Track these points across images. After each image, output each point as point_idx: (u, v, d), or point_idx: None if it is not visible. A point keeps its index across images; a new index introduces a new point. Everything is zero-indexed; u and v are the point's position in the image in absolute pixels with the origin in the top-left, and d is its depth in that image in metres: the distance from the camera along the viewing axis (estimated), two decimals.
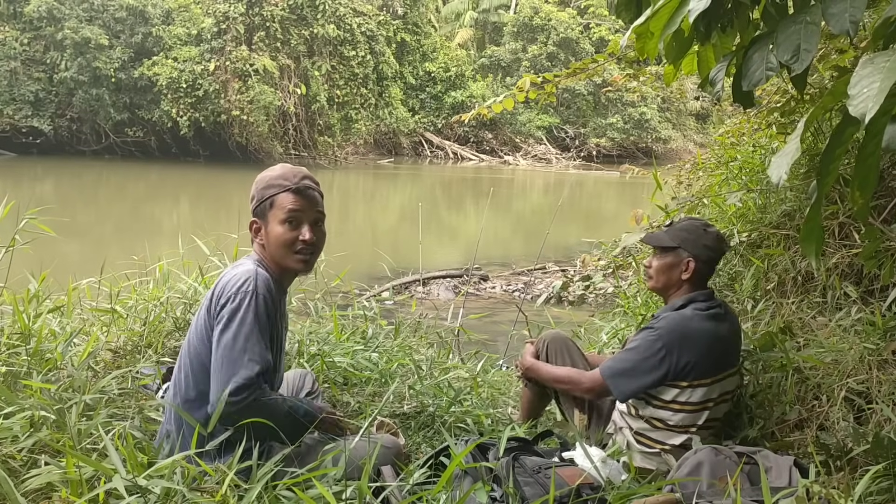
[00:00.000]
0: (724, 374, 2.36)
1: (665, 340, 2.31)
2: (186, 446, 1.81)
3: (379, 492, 1.84)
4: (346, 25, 23.58)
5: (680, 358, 2.30)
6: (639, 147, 29.14)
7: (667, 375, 2.31)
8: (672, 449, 2.34)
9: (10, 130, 20.56)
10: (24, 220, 2.80)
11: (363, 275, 7.08)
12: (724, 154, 5.13)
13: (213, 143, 22.45)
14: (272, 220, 1.98)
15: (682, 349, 2.30)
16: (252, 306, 1.82)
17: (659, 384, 2.33)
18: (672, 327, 2.33)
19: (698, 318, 2.34)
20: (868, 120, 1.07)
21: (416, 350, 3.49)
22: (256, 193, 2.01)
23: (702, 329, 2.32)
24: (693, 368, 2.30)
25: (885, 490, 1.83)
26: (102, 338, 2.79)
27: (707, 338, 2.32)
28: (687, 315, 2.35)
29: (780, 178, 1.27)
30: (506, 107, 3.99)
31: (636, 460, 2.37)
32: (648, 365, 2.32)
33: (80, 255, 8.18)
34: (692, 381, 2.32)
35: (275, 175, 2.00)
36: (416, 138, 28.53)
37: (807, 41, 1.45)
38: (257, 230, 2.01)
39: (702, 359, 2.30)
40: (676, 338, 2.31)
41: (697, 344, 2.30)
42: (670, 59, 2.02)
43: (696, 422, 2.34)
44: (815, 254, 1.41)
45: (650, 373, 2.32)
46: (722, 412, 2.41)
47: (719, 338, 2.35)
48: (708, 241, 2.38)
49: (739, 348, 2.49)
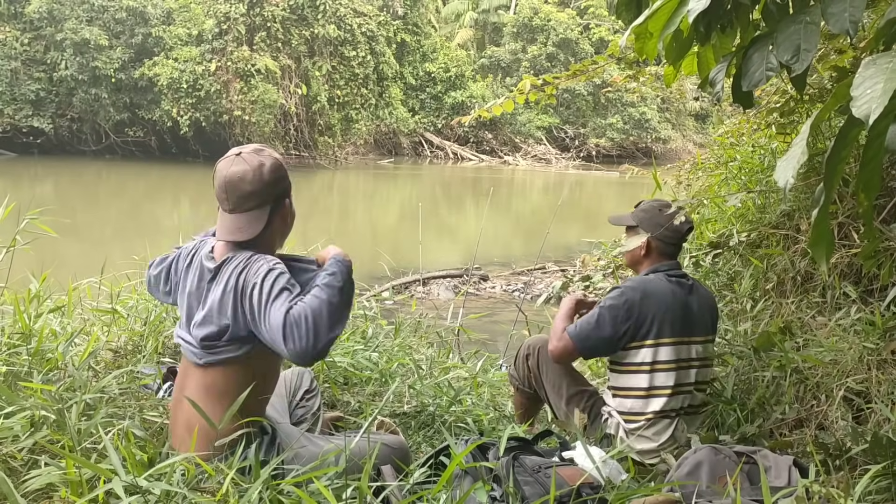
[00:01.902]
0: (690, 337, 2.47)
1: (628, 296, 2.45)
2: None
3: (379, 491, 1.84)
4: (347, 26, 23.59)
5: (642, 312, 2.43)
6: (638, 147, 29.15)
7: (629, 332, 2.43)
8: (654, 418, 2.43)
9: (11, 130, 20.56)
10: (25, 220, 2.80)
11: (363, 274, 7.07)
12: (723, 154, 5.13)
13: (213, 143, 22.43)
14: (288, 208, 1.97)
15: (644, 304, 2.43)
16: (280, 271, 1.80)
17: (622, 340, 2.44)
18: (635, 286, 2.48)
19: (661, 281, 2.50)
20: (872, 122, 1.07)
21: (416, 350, 3.49)
22: (282, 170, 1.93)
23: (664, 288, 2.47)
24: (655, 324, 2.42)
25: (884, 489, 1.83)
26: (103, 338, 2.79)
27: (669, 296, 2.45)
28: (650, 278, 2.52)
29: (788, 181, 1.26)
30: (506, 109, 4.00)
31: (629, 443, 2.44)
32: (612, 318, 2.43)
33: (81, 255, 8.18)
34: (656, 338, 2.42)
35: (278, 157, 1.98)
36: (416, 138, 28.54)
37: (807, 41, 1.45)
38: (287, 210, 1.95)
39: (665, 315, 2.43)
40: (639, 295, 2.45)
41: (659, 302, 2.44)
42: (670, 59, 2.02)
43: (668, 382, 2.43)
44: (825, 258, 1.40)
45: (613, 325, 2.43)
46: (693, 377, 2.48)
47: (681, 299, 2.47)
48: (662, 221, 2.54)
49: (711, 320, 2.57)
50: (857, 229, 2.99)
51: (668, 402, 2.43)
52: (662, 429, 2.45)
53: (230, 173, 1.87)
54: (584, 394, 2.64)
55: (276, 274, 1.79)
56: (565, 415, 2.65)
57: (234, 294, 1.81)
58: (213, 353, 1.86)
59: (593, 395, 2.65)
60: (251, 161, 1.88)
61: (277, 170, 1.91)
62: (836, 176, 1.33)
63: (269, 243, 1.95)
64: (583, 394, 2.63)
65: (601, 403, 2.61)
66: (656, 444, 2.44)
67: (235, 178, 1.86)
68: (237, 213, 1.88)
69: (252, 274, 1.80)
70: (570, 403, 2.63)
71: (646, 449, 2.45)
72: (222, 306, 1.83)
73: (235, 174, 1.87)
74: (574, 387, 2.65)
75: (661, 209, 2.58)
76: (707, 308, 2.55)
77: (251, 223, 1.87)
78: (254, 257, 1.85)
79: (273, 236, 1.97)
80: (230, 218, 1.88)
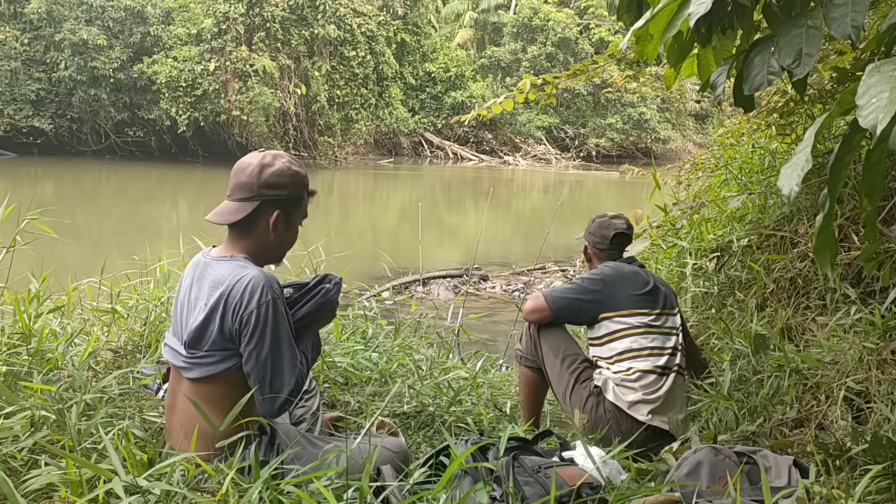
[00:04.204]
0: (662, 309, 2.75)
1: (605, 275, 2.80)
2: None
3: (379, 492, 1.85)
4: (347, 26, 23.58)
5: (614, 289, 2.74)
6: (638, 147, 29.15)
7: (603, 302, 2.73)
8: (642, 374, 2.63)
9: (11, 130, 20.55)
10: (25, 220, 2.80)
11: (363, 275, 7.08)
12: (723, 154, 5.14)
13: (212, 143, 22.44)
14: (294, 218, 1.97)
15: (618, 284, 2.75)
16: (276, 314, 1.83)
17: (594, 306, 2.74)
18: (612, 266, 2.83)
19: (628, 266, 2.86)
20: (880, 132, 1.07)
21: (416, 350, 3.49)
22: (287, 182, 1.92)
23: (633, 269, 2.83)
24: (629, 299, 2.72)
25: (884, 489, 1.84)
26: (103, 338, 2.79)
27: (637, 275, 2.79)
28: (619, 264, 2.86)
29: (792, 190, 1.26)
30: (505, 108, 4.00)
31: (625, 398, 2.62)
32: (586, 288, 2.78)
33: (81, 255, 8.18)
34: (631, 309, 2.71)
35: (303, 174, 1.97)
36: (416, 138, 28.54)
37: (809, 45, 1.45)
38: (275, 222, 1.92)
39: (638, 290, 2.74)
40: (617, 275, 2.79)
41: (630, 280, 2.77)
42: (671, 62, 2.02)
43: (650, 344, 2.68)
44: (830, 265, 1.39)
45: (586, 293, 2.76)
46: (673, 342, 2.73)
47: (646, 280, 2.79)
48: (592, 229, 2.99)
49: (672, 298, 2.84)
50: (857, 231, 2.99)
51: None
52: (651, 383, 2.63)
53: (241, 162, 1.96)
54: (579, 356, 2.81)
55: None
56: (559, 376, 2.79)
57: (224, 302, 1.82)
58: (199, 366, 1.86)
59: (586, 360, 2.82)
60: (263, 158, 1.93)
61: (280, 176, 1.91)
62: (841, 182, 1.32)
63: (259, 249, 1.94)
64: (577, 355, 2.81)
65: (592, 369, 2.78)
66: (644, 395, 2.62)
67: (241, 166, 1.94)
68: (229, 200, 1.94)
69: (244, 303, 1.82)
70: (564, 362, 2.78)
71: (634, 400, 2.61)
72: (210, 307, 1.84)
73: (243, 163, 1.95)
74: (571, 349, 2.83)
75: (595, 218, 3.03)
76: (663, 286, 2.83)
77: (232, 212, 1.91)
78: (242, 268, 1.86)
79: (259, 240, 1.93)
80: (224, 203, 1.95)
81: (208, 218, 1.92)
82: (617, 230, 2.92)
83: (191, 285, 1.94)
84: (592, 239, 2.99)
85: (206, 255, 1.96)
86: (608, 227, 2.95)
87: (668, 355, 2.69)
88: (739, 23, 1.83)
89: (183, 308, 1.94)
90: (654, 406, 2.59)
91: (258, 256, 1.93)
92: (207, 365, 1.86)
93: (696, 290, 3.65)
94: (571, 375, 2.74)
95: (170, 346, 1.96)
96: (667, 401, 2.61)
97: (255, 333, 1.81)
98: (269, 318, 1.82)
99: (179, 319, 1.94)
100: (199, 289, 1.90)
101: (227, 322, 1.82)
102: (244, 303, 1.81)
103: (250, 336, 1.82)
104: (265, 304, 1.81)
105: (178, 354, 1.91)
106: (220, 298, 1.83)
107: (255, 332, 1.81)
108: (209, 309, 1.83)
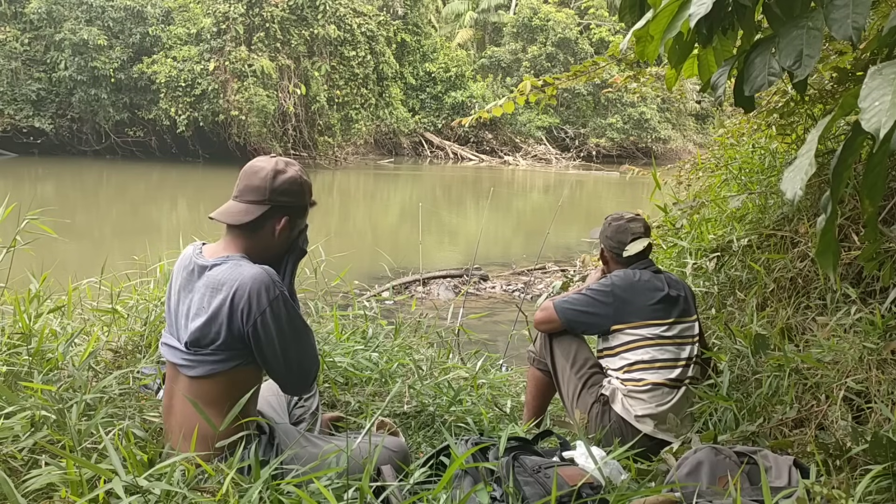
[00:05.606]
0: (677, 317, 2.68)
1: (614, 286, 2.71)
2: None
3: (379, 492, 1.85)
4: (347, 26, 23.57)
5: (625, 301, 2.67)
6: (638, 147, 29.13)
7: (614, 315, 2.67)
8: (653, 387, 2.59)
9: (11, 130, 20.55)
10: (25, 220, 2.80)
11: (363, 275, 7.08)
12: (723, 154, 5.14)
13: (212, 143, 22.44)
14: (296, 224, 1.98)
15: (629, 295, 2.68)
16: (286, 304, 1.86)
17: (604, 319, 2.69)
18: (622, 276, 2.73)
19: (640, 273, 2.74)
20: (883, 136, 1.07)
21: (416, 350, 3.49)
22: (298, 191, 1.95)
23: (645, 277, 2.72)
24: (641, 311, 2.65)
25: (884, 489, 1.84)
26: (103, 338, 2.79)
27: (649, 283, 2.69)
28: (630, 272, 2.76)
29: (796, 194, 1.25)
30: (506, 110, 4.00)
31: (633, 410, 2.59)
32: (595, 300, 2.71)
33: (81, 255, 8.19)
34: (643, 320, 2.65)
35: (310, 184, 2.00)
36: (416, 138, 28.52)
37: (809, 47, 1.45)
38: (282, 228, 1.93)
39: (650, 301, 2.66)
40: (627, 285, 2.70)
41: (642, 290, 2.68)
42: (672, 62, 2.02)
43: (662, 357, 2.62)
44: (832, 268, 1.39)
45: (594, 306, 2.70)
46: (688, 352, 2.67)
47: (660, 288, 2.70)
48: (609, 232, 2.86)
49: (690, 304, 2.77)
50: (857, 231, 2.99)
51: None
52: (661, 395, 2.59)
53: (252, 164, 1.97)
54: (589, 361, 2.77)
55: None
56: (567, 380, 2.76)
57: (229, 305, 1.81)
58: (203, 363, 1.86)
59: (597, 365, 2.78)
60: (276, 164, 1.95)
61: (291, 184, 1.93)
62: (843, 184, 1.32)
63: (258, 252, 1.94)
64: (588, 360, 2.77)
65: (601, 376, 2.74)
66: (652, 408, 2.58)
67: (253, 169, 1.95)
68: (236, 201, 1.93)
69: (254, 305, 1.82)
70: (574, 366, 2.75)
71: (642, 413, 2.57)
72: (213, 310, 1.83)
73: (255, 166, 1.95)
74: (582, 354, 2.79)
75: (610, 222, 2.88)
76: (680, 293, 2.74)
77: (241, 213, 1.91)
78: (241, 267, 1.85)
79: (261, 243, 1.94)
80: (229, 203, 1.95)
81: (214, 216, 1.93)
82: (634, 235, 2.79)
83: (184, 285, 1.93)
84: (609, 243, 2.86)
85: (199, 255, 1.94)
86: (625, 231, 2.82)
87: (682, 367, 2.64)
88: (740, 23, 1.83)
89: (178, 307, 1.93)
90: (660, 419, 2.59)
91: (256, 258, 1.93)
92: (212, 363, 1.86)
93: (696, 290, 3.65)
94: (580, 380, 2.73)
95: (168, 345, 1.95)
96: (674, 413, 2.60)
97: (275, 331, 1.83)
98: (283, 311, 1.84)
99: (175, 319, 1.94)
100: (194, 289, 1.89)
101: (238, 325, 1.82)
102: (255, 305, 1.81)
103: (272, 334, 1.84)
104: (276, 300, 1.82)
105: (177, 352, 1.90)
106: (223, 303, 1.81)
107: (276, 329, 1.83)
108: (211, 313, 1.82)
